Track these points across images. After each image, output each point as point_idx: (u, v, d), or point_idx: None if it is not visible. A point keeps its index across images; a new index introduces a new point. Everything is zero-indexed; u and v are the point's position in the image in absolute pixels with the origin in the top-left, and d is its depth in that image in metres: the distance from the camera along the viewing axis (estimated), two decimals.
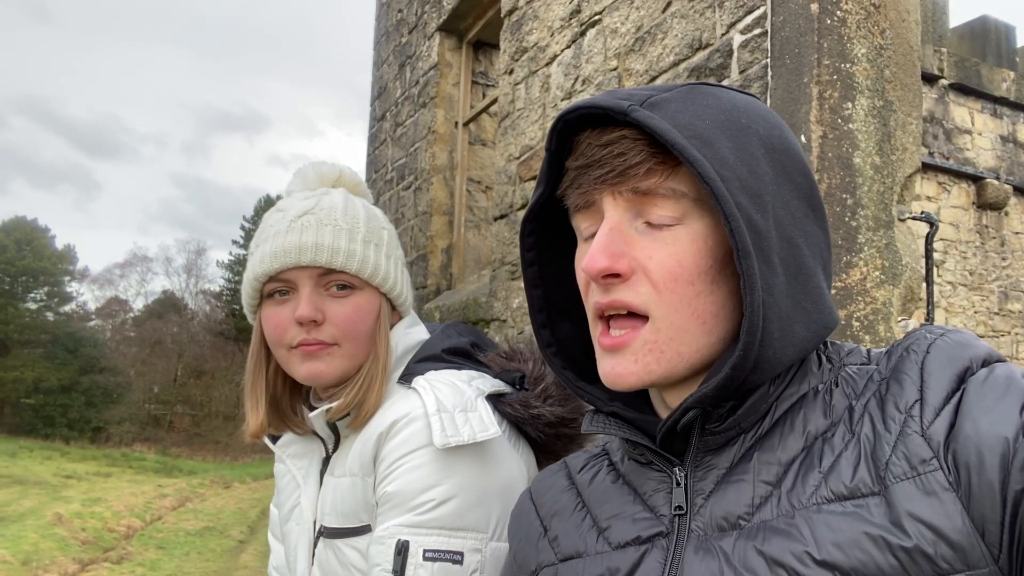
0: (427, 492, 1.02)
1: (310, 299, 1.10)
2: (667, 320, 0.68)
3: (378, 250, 1.16)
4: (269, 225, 1.15)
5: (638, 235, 0.69)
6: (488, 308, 4.50)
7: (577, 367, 0.82)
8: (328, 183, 1.20)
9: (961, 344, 0.66)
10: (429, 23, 6.11)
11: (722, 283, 0.69)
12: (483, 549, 1.03)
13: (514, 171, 4.34)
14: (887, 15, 2.51)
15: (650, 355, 0.68)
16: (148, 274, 43.27)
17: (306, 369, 1.12)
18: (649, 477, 0.76)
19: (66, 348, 35.87)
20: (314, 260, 1.10)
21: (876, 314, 2.35)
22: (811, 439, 0.67)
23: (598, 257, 0.67)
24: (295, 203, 1.15)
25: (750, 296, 0.64)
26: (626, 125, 0.68)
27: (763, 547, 0.62)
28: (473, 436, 1.03)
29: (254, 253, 1.15)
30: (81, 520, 14.33)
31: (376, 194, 7.12)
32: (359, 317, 1.13)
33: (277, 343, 1.14)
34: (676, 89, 0.71)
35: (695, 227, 0.68)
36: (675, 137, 0.64)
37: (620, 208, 0.69)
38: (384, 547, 1.02)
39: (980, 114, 7.43)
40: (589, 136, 0.70)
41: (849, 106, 2.41)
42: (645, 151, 0.67)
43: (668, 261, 0.67)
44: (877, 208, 2.41)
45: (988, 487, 0.57)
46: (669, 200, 0.68)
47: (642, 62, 3.27)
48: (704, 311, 0.68)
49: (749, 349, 0.64)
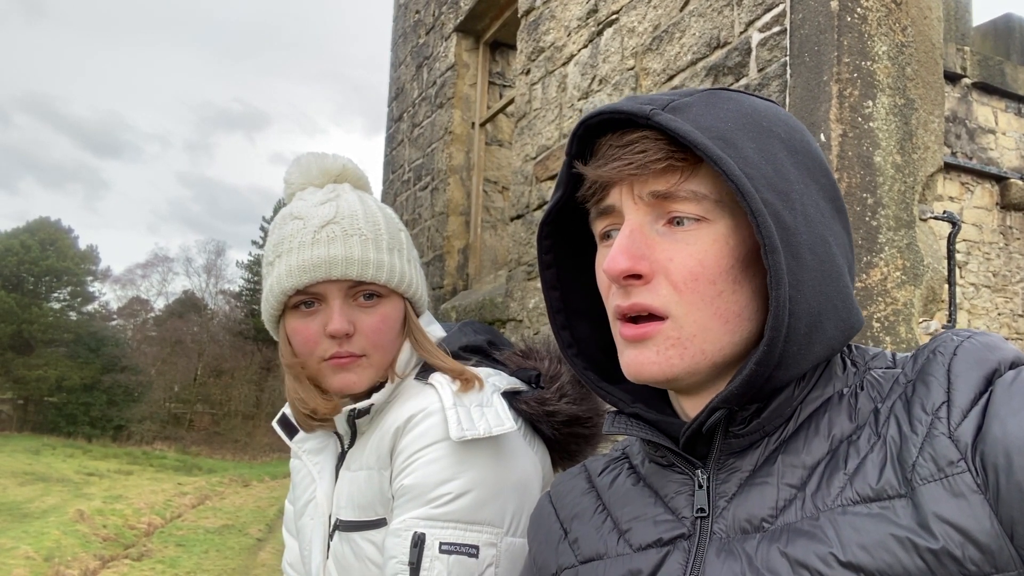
0: (444, 485, 1.03)
1: (342, 312, 1.10)
2: (688, 318, 0.68)
3: (401, 256, 1.16)
4: (290, 235, 1.12)
5: (659, 237, 0.69)
6: (504, 308, 4.49)
7: (598, 368, 0.82)
8: (331, 178, 1.19)
9: (988, 346, 0.65)
10: (446, 24, 6.12)
11: (746, 283, 0.69)
12: (498, 544, 1.04)
13: (530, 171, 4.34)
14: (908, 12, 2.48)
15: (672, 350, 0.68)
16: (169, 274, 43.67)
17: (339, 381, 1.12)
18: (671, 479, 0.75)
19: (88, 347, 36.35)
20: (345, 274, 1.09)
21: (897, 315, 2.32)
22: (836, 442, 0.67)
23: (619, 259, 0.67)
24: (313, 209, 1.13)
25: (776, 291, 0.63)
26: (648, 128, 0.69)
27: (787, 549, 0.62)
28: (489, 430, 1.04)
29: (275, 264, 1.13)
30: (102, 517, 14.49)
31: (393, 195, 7.14)
32: (387, 326, 1.14)
33: (308, 355, 1.13)
34: (697, 94, 0.71)
35: (716, 227, 0.68)
36: (697, 137, 0.65)
37: (640, 211, 0.69)
38: (400, 539, 1.02)
39: (1004, 113, 7.33)
40: (610, 139, 0.71)
41: (870, 104, 2.38)
42: (665, 149, 0.67)
43: (689, 261, 0.67)
44: (898, 207, 2.38)
45: (1017, 489, 0.56)
46: (690, 202, 0.68)
47: (659, 61, 3.25)
48: (727, 311, 0.68)
49: (773, 344, 0.64)
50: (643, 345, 0.69)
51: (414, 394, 1.12)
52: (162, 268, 42.97)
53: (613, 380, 0.80)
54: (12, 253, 37.64)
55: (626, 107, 0.68)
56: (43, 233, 39.73)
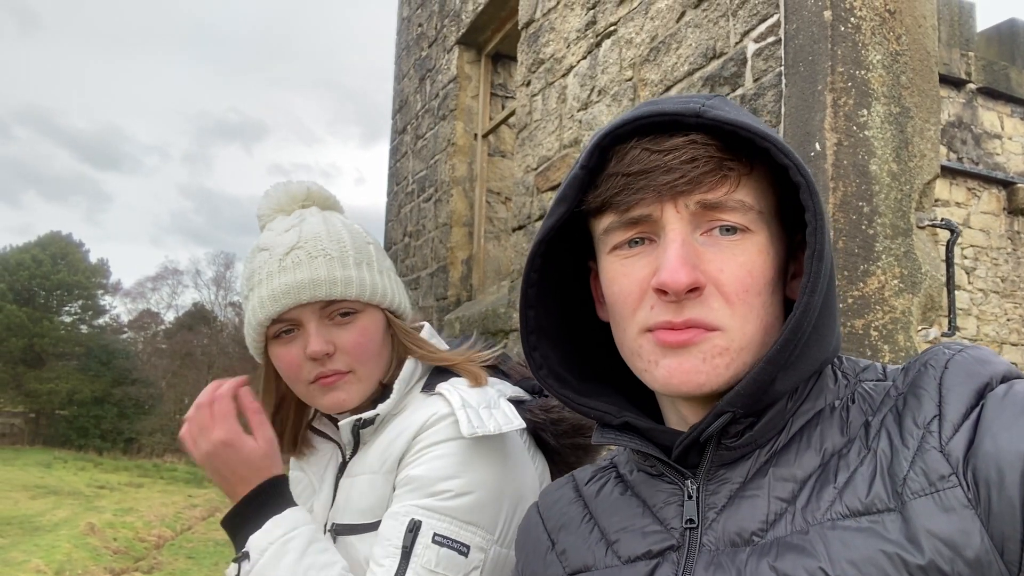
0: (448, 481, 1.05)
1: (318, 334, 1.11)
2: (740, 331, 0.67)
3: (370, 268, 1.17)
4: (259, 267, 1.14)
5: (702, 248, 0.67)
6: (507, 319, 4.50)
7: (569, 388, 0.81)
8: (299, 202, 1.21)
9: (980, 360, 0.65)
10: (448, 37, 6.16)
11: (778, 293, 0.69)
12: (487, 550, 1.05)
13: (532, 182, 4.35)
14: (903, 21, 2.48)
15: (719, 359, 0.66)
16: (179, 287, 43.83)
17: (329, 400, 1.14)
18: (660, 489, 0.75)
19: (99, 360, 36.51)
20: (313, 296, 1.10)
21: (895, 323, 2.31)
22: (828, 456, 0.66)
23: (680, 271, 0.64)
24: (277, 238, 1.15)
25: (808, 297, 0.63)
26: (696, 130, 0.66)
27: (776, 563, 0.62)
28: (499, 427, 1.06)
29: (249, 298, 1.15)
30: (113, 530, 14.54)
31: (398, 206, 7.17)
32: (367, 339, 1.15)
33: (295, 380, 1.15)
34: (715, 98, 0.70)
35: (759, 237, 0.67)
36: (766, 131, 0.63)
37: (684, 220, 0.67)
38: (397, 523, 1.04)
39: (1010, 118, 7.29)
40: (642, 144, 0.67)
41: (864, 113, 2.38)
42: (716, 156, 0.65)
43: (739, 272, 0.66)
44: (895, 215, 2.38)
45: (1008, 504, 0.56)
46: (737, 212, 0.66)
47: (657, 72, 3.26)
48: (767, 321, 0.68)
49: (787, 345, 0.64)
50: (686, 352, 0.66)
51: (421, 405, 1.14)
52: (172, 281, 43.19)
53: (590, 394, 0.79)
54: (24, 267, 37.93)
55: (670, 107, 0.66)
56: (54, 247, 40.02)
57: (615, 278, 0.71)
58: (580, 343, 0.83)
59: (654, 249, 0.68)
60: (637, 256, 0.69)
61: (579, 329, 0.83)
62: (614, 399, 0.79)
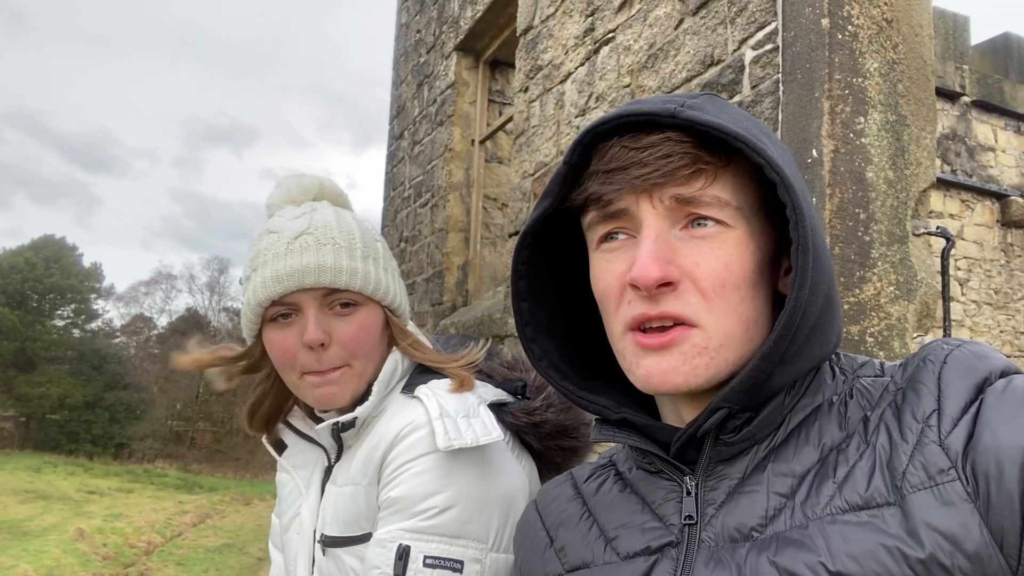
0: (430, 499, 1.02)
1: (317, 321, 1.10)
2: (718, 328, 0.67)
3: (376, 264, 1.17)
4: (265, 248, 1.13)
5: (679, 242, 0.67)
6: (503, 324, 4.50)
7: (570, 380, 0.81)
8: (310, 195, 1.20)
9: (978, 355, 0.65)
10: (447, 43, 6.18)
11: (760, 289, 0.69)
12: (483, 560, 1.03)
13: (529, 188, 4.36)
14: (900, 29, 2.50)
15: (699, 358, 0.67)
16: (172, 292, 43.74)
17: (320, 393, 1.12)
18: (658, 486, 0.75)
19: (91, 365, 36.34)
20: (318, 281, 1.09)
21: (891, 330, 2.32)
22: (826, 451, 0.67)
23: (650, 266, 0.65)
24: (287, 223, 1.14)
25: (797, 292, 0.63)
26: (671, 128, 0.67)
27: (776, 558, 0.62)
28: (476, 439, 1.03)
29: (252, 277, 1.13)
30: (103, 536, 14.44)
31: (394, 211, 7.17)
32: (366, 333, 1.14)
33: (288, 368, 1.13)
34: (701, 96, 0.70)
35: (738, 232, 0.67)
36: (736, 130, 0.63)
37: (660, 215, 0.67)
38: (385, 550, 1.01)
39: (1003, 131, 7.35)
40: (621, 141, 0.68)
41: (861, 120, 2.39)
42: (691, 152, 0.66)
43: (716, 266, 0.66)
44: (891, 223, 2.39)
45: (1007, 498, 0.56)
46: (713, 207, 0.67)
47: (655, 79, 3.28)
48: (747, 317, 0.68)
49: (781, 341, 0.64)
50: (666, 352, 0.67)
51: (400, 408, 1.12)
52: (165, 286, 43.09)
53: (591, 389, 0.79)
54: (16, 270, 37.77)
55: (647, 107, 0.67)
56: (47, 251, 39.88)
57: (599, 274, 0.72)
58: (578, 341, 0.83)
59: (634, 245, 0.69)
60: (617, 252, 0.70)
61: (578, 329, 0.84)
62: (612, 395, 0.79)
